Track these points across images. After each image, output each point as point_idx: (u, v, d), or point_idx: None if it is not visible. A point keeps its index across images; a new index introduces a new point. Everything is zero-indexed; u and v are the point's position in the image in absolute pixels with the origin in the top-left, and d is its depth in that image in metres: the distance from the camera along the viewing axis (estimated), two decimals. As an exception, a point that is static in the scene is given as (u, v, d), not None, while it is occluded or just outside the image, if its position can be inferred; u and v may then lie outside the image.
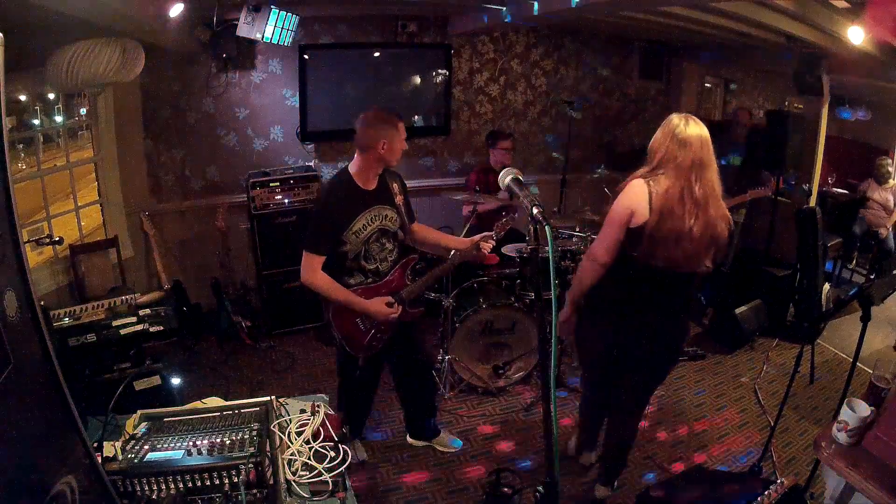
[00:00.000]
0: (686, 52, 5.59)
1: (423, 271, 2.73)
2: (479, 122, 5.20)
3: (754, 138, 4.65)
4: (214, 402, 1.78)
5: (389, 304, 2.46)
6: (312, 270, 2.35)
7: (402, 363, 2.80)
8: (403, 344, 2.68)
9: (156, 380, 2.82)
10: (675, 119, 2.13)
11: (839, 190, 5.67)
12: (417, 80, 4.83)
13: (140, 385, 2.77)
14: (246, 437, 1.48)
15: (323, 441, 1.65)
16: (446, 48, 4.78)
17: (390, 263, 2.54)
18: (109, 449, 1.47)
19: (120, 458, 1.41)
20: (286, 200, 4.12)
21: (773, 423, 2.82)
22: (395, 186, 2.54)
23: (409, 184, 4.90)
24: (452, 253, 2.70)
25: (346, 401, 2.77)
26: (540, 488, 1.36)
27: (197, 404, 1.75)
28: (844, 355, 3.95)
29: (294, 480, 1.54)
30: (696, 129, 2.09)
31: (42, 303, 2.42)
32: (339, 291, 2.40)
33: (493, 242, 2.63)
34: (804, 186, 4.64)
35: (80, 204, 3.97)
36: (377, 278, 2.51)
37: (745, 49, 4.75)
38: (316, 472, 1.55)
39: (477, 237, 2.62)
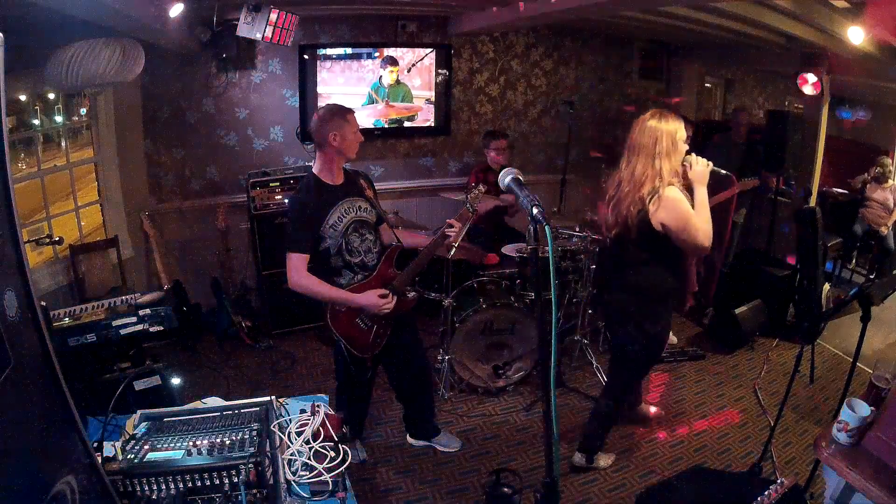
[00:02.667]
0: (686, 52, 5.59)
1: (407, 261, 2.72)
2: (479, 122, 5.20)
3: (754, 138, 4.65)
4: (214, 402, 1.78)
5: (384, 296, 2.46)
6: (299, 271, 2.36)
7: (398, 364, 2.79)
8: (399, 344, 2.68)
9: (156, 380, 2.82)
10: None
11: (839, 190, 5.68)
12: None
13: (140, 385, 2.77)
14: (246, 437, 1.48)
15: (323, 441, 1.65)
16: (446, 48, 4.78)
17: (375, 255, 2.54)
18: (109, 449, 1.47)
19: (120, 458, 1.41)
20: (286, 200, 4.12)
21: (773, 423, 2.82)
22: (363, 182, 2.58)
23: (410, 184, 5.00)
24: (436, 237, 2.61)
25: (345, 401, 2.77)
26: (540, 488, 1.35)
27: (197, 404, 1.75)
28: (844, 355, 3.95)
29: (294, 480, 1.54)
30: (649, 120, 2.36)
31: (42, 303, 2.41)
32: (330, 290, 2.41)
33: (456, 229, 2.55)
34: (806, 186, 4.63)
35: (80, 204, 3.97)
36: (365, 273, 2.51)
37: (745, 49, 4.76)
38: (316, 472, 1.56)
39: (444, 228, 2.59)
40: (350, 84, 4.59)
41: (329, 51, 4.49)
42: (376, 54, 4.61)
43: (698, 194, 2.34)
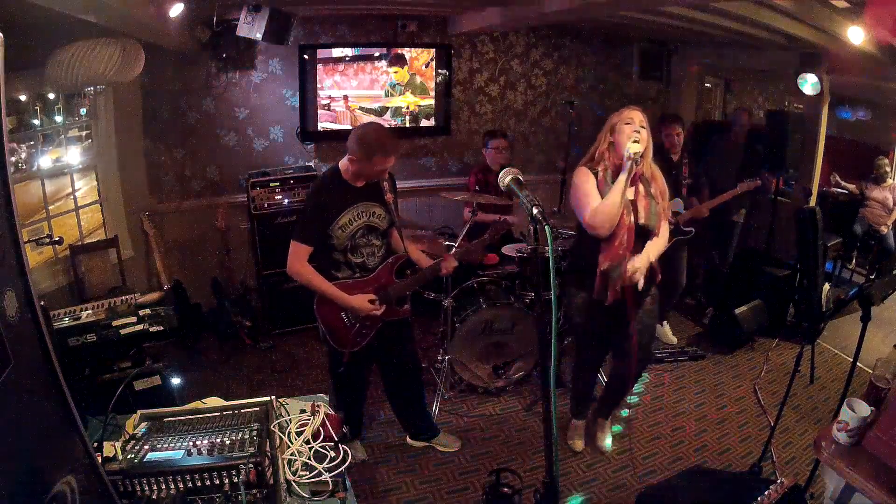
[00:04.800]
0: (686, 52, 5.59)
1: (410, 271, 2.74)
2: (479, 122, 5.20)
3: (754, 138, 4.65)
4: (214, 402, 1.78)
5: (372, 302, 2.47)
6: (298, 260, 2.37)
7: (390, 366, 2.79)
8: (391, 346, 2.68)
9: (156, 380, 2.81)
10: None
11: (840, 190, 5.68)
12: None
13: (140, 385, 2.77)
14: (246, 437, 1.48)
15: (323, 441, 1.65)
16: (446, 48, 4.78)
17: (378, 259, 2.55)
18: (109, 449, 1.47)
19: (120, 458, 1.41)
20: (286, 200, 4.12)
21: (773, 423, 2.82)
22: (386, 185, 2.56)
23: (410, 184, 4.99)
24: (433, 265, 2.68)
25: (340, 401, 2.77)
26: (540, 488, 1.36)
27: (197, 404, 1.75)
28: (844, 355, 3.95)
29: (294, 480, 1.54)
30: None
31: (42, 303, 2.41)
32: (323, 283, 2.41)
33: (452, 268, 2.67)
34: (806, 187, 4.63)
35: (80, 204, 3.97)
36: (364, 273, 2.52)
37: (745, 49, 4.76)
38: (316, 472, 1.56)
39: (441, 259, 2.66)
40: (363, 87, 4.60)
41: (339, 52, 4.49)
42: (390, 55, 4.62)
43: (619, 178, 2.40)
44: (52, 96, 3.90)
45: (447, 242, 3.78)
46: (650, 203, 2.48)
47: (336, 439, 1.66)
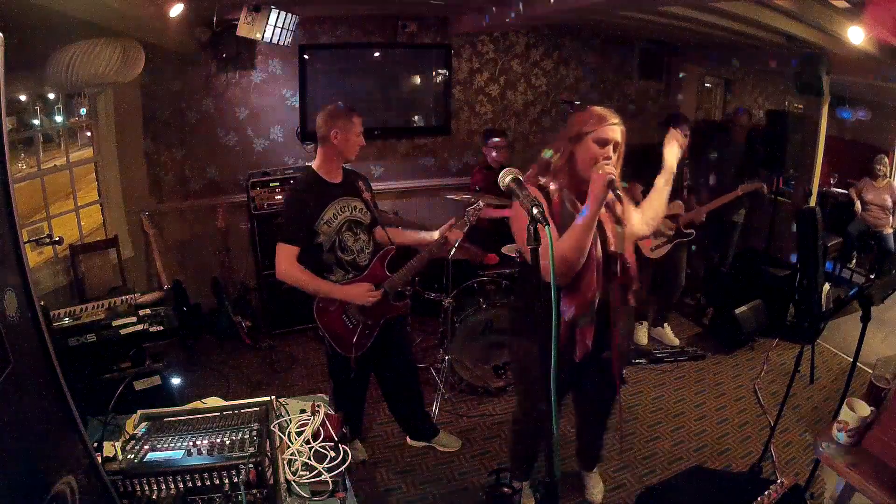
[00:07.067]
0: (686, 52, 5.59)
1: (401, 264, 2.74)
2: (479, 122, 5.20)
3: (754, 138, 4.65)
4: (214, 402, 1.78)
5: (369, 290, 2.47)
6: (288, 261, 2.38)
7: (387, 368, 2.79)
8: (387, 348, 2.68)
9: (156, 380, 2.82)
10: None
11: (839, 190, 5.67)
12: (417, 80, 4.85)
13: (140, 385, 2.77)
14: (246, 437, 1.48)
15: (323, 441, 1.65)
16: (446, 48, 4.78)
17: (367, 256, 2.56)
18: (109, 449, 1.47)
19: (120, 458, 1.41)
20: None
21: (773, 423, 2.82)
22: (361, 184, 2.59)
23: (410, 184, 4.99)
24: (429, 243, 2.65)
25: (340, 402, 2.77)
26: (540, 488, 1.35)
27: (197, 404, 1.75)
28: (844, 355, 3.95)
29: (294, 480, 1.54)
30: None
31: (42, 303, 2.41)
32: (316, 281, 2.41)
33: (461, 233, 2.64)
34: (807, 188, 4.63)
35: (80, 204, 3.97)
36: (357, 272, 2.52)
37: (745, 49, 4.75)
38: (316, 472, 1.56)
39: (444, 227, 2.62)
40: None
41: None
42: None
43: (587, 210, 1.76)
44: (52, 96, 3.90)
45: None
46: (617, 226, 1.92)
47: (336, 439, 1.66)
